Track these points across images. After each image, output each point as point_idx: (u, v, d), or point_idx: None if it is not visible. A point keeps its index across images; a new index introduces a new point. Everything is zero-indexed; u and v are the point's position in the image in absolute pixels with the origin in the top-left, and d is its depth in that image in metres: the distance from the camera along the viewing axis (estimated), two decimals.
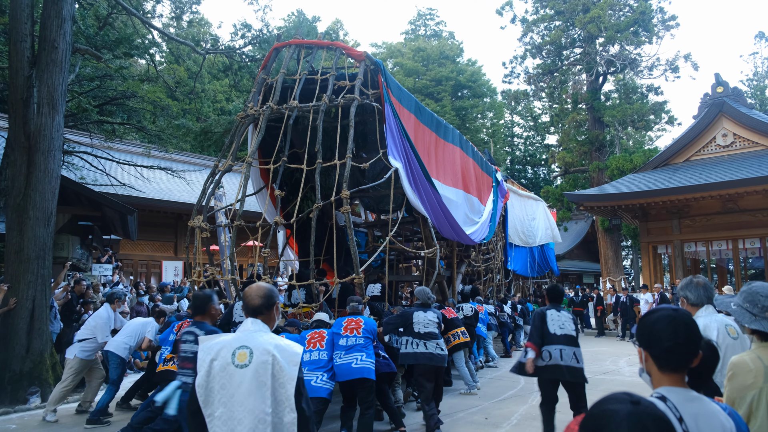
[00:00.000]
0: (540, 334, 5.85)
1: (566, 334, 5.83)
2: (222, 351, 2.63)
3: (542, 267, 20.66)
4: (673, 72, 27.80)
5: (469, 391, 8.98)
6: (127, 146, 20.06)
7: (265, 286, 2.82)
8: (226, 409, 2.54)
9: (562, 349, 5.74)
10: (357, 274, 7.56)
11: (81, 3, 13.68)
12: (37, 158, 8.83)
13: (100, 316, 7.82)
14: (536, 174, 46.29)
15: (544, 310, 6.07)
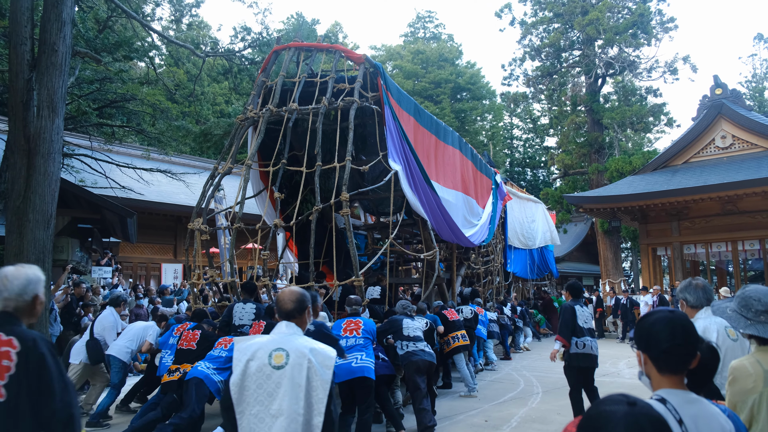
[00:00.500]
0: (571, 327, 6.53)
1: (590, 327, 6.65)
2: (258, 352, 2.73)
3: (542, 269, 20.67)
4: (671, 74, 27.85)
5: (469, 393, 8.99)
6: (126, 149, 20.07)
7: (298, 290, 2.93)
8: (262, 407, 2.64)
9: (591, 340, 6.55)
10: (357, 276, 7.56)
11: (81, 6, 13.69)
12: (36, 161, 8.82)
13: (107, 320, 7.81)
14: (535, 176, 46.33)
15: (572, 304, 6.68)
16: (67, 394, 2.52)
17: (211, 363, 6.34)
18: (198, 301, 9.13)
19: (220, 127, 21.17)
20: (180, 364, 6.63)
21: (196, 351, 6.70)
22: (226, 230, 11.05)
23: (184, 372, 6.50)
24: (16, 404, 2.41)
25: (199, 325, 7.08)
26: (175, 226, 20.56)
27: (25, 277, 2.80)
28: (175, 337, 7.12)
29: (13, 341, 2.49)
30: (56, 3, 9.05)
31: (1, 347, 2.45)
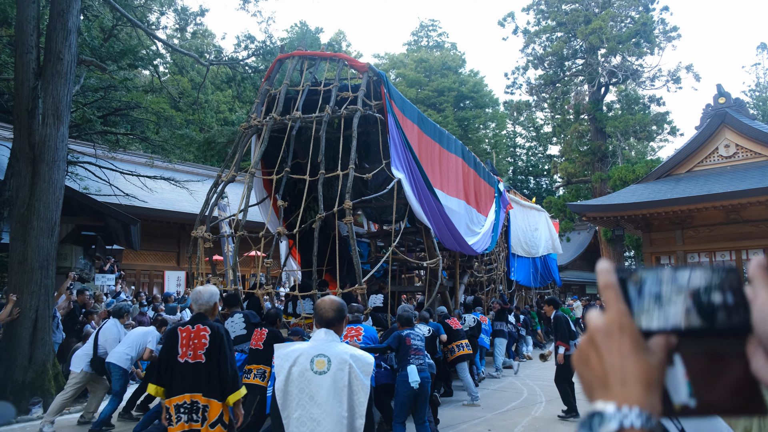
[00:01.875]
0: (568, 333, 8.05)
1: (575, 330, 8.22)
2: (300, 358, 2.82)
3: (545, 277, 20.63)
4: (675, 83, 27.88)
5: (472, 402, 8.96)
6: (130, 156, 20.16)
7: (338, 300, 3.07)
8: (303, 411, 2.73)
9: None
10: (360, 284, 7.56)
11: (86, 15, 13.80)
12: (41, 169, 8.87)
13: (111, 332, 7.76)
14: (538, 184, 46.32)
15: (564, 315, 8.25)
16: (233, 360, 4.29)
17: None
18: None
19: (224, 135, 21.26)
20: None
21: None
22: (229, 238, 11.06)
23: None
24: (209, 365, 4.19)
25: None
26: (178, 233, 20.59)
27: (209, 291, 4.45)
28: None
29: (206, 329, 4.27)
30: (62, 12, 9.12)
31: (200, 332, 4.24)
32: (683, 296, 0.63)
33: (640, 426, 0.57)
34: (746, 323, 0.62)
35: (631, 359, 0.61)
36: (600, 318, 0.65)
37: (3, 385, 8.36)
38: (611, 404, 0.60)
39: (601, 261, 0.68)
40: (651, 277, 0.65)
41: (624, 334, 0.62)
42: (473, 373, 10.69)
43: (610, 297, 0.65)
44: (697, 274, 0.64)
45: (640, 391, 0.60)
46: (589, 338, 0.65)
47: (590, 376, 0.64)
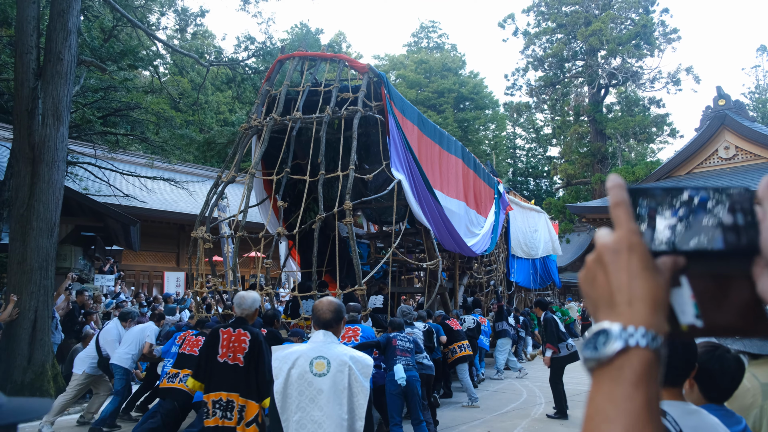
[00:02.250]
0: (557, 336, 8.13)
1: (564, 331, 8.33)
2: (299, 360, 2.81)
3: (544, 279, 20.61)
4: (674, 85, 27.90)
5: (471, 403, 8.95)
6: (130, 157, 20.15)
7: (335, 301, 3.06)
8: (304, 414, 2.73)
9: (572, 340, 8.26)
10: (359, 285, 7.55)
11: (86, 15, 13.80)
12: (41, 169, 8.86)
13: (111, 333, 7.73)
14: (538, 186, 46.33)
15: (553, 317, 8.34)
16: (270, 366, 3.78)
17: None
18: (201, 309, 9.12)
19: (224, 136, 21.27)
20: (180, 369, 6.61)
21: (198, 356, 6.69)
22: (229, 238, 11.06)
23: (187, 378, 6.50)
24: (248, 369, 4.37)
25: (203, 332, 7.08)
26: (178, 234, 20.58)
27: (252, 297, 4.69)
28: (178, 346, 7.10)
29: (247, 334, 4.47)
30: (62, 12, 9.12)
31: (241, 336, 4.45)
32: (694, 216, 0.63)
33: (645, 345, 0.57)
34: (755, 244, 0.61)
35: (639, 279, 0.60)
36: (609, 236, 0.64)
37: (2, 386, 8.34)
38: (617, 324, 0.59)
39: (612, 175, 0.67)
40: (662, 195, 0.64)
41: (633, 253, 0.61)
42: (473, 374, 10.68)
43: (621, 214, 0.63)
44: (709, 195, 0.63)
45: (647, 311, 0.59)
46: (597, 256, 0.64)
47: (596, 294, 0.63)
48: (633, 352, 0.57)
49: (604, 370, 0.59)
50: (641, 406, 0.56)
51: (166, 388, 6.59)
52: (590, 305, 0.65)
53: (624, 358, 0.58)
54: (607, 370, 0.59)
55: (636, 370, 0.57)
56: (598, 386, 0.59)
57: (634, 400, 0.56)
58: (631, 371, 0.57)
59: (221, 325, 4.63)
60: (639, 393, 0.56)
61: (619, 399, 0.56)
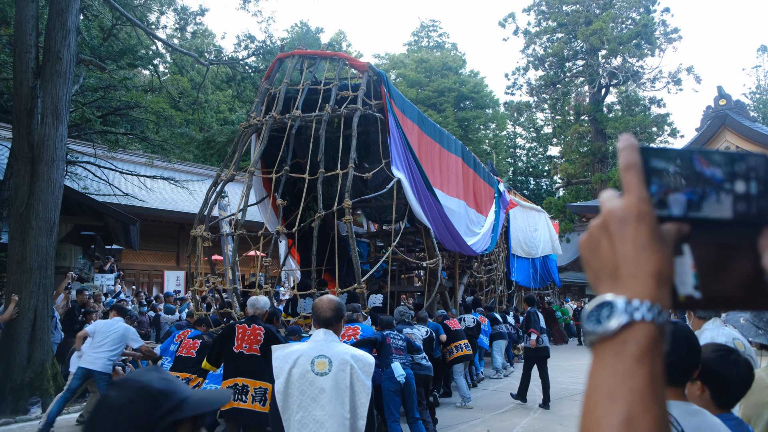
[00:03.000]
0: (539, 326, 9.16)
1: (544, 326, 9.44)
2: (300, 360, 2.79)
3: (544, 278, 20.61)
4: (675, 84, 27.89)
5: (464, 404, 8.91)
6: (130, 156, 20.12)
7: (335, 299, 3.02)
8: (305, 413, 2.71)
9: (545, 337, 9.27)
10: (359, 284, 7.54)
11: (86, 14, 13.78)
12: (40, 168, 8.85)
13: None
14: (538, 185, 46.29)
15: (536, 311, 9.45)
16: None
17: (216, 383, 6.36)
18: (200, 308, 9.10)
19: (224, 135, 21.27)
20: (178, 372, 6.60)
21: (194, 359, 6.69)
22: (229, 237, 11.04)
23: (185, 381, 6.49)
24: (266, 357, 4.53)
25: (201, 335, 7.08)
26: (177, 233, 20.56)
27: (264, 299, 5.64)
28: (176, 344, 7.10)
29: (261, 328, 5.23)
30: (61, 11, 9.10)
31: (255, 331, 5.17)
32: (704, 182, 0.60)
33: (651, 319, 0.55)
34: (766, 214, 0.59)
35: (647, 251, 0.57)
36: (617, 201, 0.60)
37: (2, 385, 8.34)
38: (621, 297, 0.56)
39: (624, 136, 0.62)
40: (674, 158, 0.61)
41: (642, 222, 0.58)
42: (472, 373, 10.67)
43: (631, 179, 0.59)
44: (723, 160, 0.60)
45: (653, 285, 0.56)
46: (603, 223, 0.60)
47: (599, 264, 0.60)
48: (638, 327, 0.55)
49: (606, 345, 0.57)
50: (645, 383, 0.54)
51: None
52: (591, 274, 0.62)
53: (628, 332, 0.56)
54: (610, 344, 0.57)
55: (641, 344, 0.55)
56: (600, 361, 0.57)
57: (638, 377, 0.54)
58: (636, 346, 0.55)
59: (236, 322, 5.36)
60: (643, 369, 0.54)
61: (622, 375, 0.54)
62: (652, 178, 0.60)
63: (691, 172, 0.60)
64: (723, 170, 0.60)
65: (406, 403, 6.38)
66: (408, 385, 6.38)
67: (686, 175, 0.60)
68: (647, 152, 0.61)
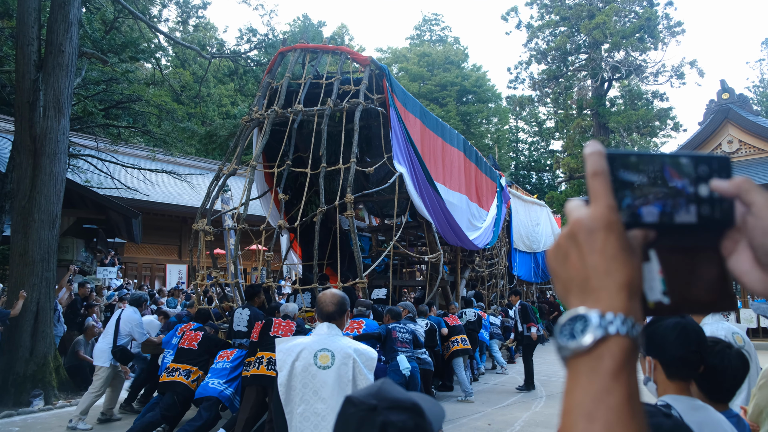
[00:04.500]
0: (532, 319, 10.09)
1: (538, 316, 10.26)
2: (303, 353, 2.80)
3: (546, 273, 20.60)
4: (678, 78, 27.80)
5: (466, 398, 8.93)
6: (132, 150, 20.13)
7: (339, 293, 3.02)
8: (307, 406, 2.73)
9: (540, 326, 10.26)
10: (360, 278, 7.55)
11: (88, 7, 13.75)
12: (42, 161, 8.86)
13: (133, 318, 7.66)
14: (541, 180, 46.22)
15: (527, 304, 10.51)
16: None
17: (218, 377, 6.39)
18: (202, 301, 9.12)
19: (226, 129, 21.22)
20: (179, 364, 6.62)
21: (196, 351, 6.72)
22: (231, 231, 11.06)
23: (186, 372, 6.52)
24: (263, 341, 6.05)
25: (203, 327, 7.11)
26: (180, 227, 20.60)
27: (293, 306, 6.57)
28: (178, 337, 7.11)
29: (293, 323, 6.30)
30: (63, 4, 9.09)
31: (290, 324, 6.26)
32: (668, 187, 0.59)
33: (625, 333, 0.54)
34: (729, 218, 0.59)
35: (617, 262, 0.56)
36: (584, 211, 0.58)
37: (5, 378, 8.38)
38: (594, 311, 0.55)
39: (591, 142, 0.61)
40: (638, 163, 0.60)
41: (611, 233, 0.56)
42: (473, 368, 10.69)
43: (598, 187, 0.58)
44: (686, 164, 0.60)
45: (625, 297, 0.55)
46: (571, 233, 0.58)
47: (568, 275, 0.59)
48: (613, 341, 0.54)
49: (581, 360, 0.55)
50: (623, 400, 0.53)
51: (165, 381, 6.60)
52: (560, 286, 0.60)
53: (603, 347, 0.54)
54: (585, 359, 0.55)
55: (617, 359, 0.54)
56: (575, 377, 0.56)
57: (616, 394, 0.53)
58: (612, 361, 0.54)
59: (275, 317, 6.34)
60: (620, 385, 0.53)
61: (599, 392, 0.53)
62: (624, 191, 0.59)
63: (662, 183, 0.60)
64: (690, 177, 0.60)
65: None
66: (413, 379, 6.41)
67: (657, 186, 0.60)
68: (615, 158, 0.60)
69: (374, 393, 1.16)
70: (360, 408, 1.13)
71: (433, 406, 1.18)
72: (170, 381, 6.52)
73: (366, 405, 1.13)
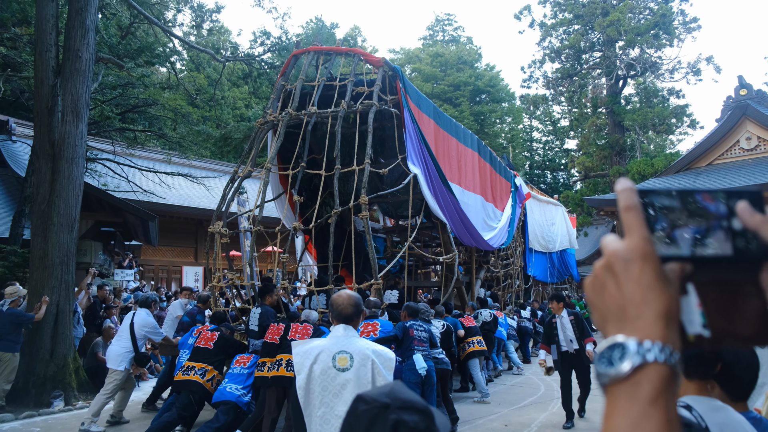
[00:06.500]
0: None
1: None
2: (321, 356, 2.80)
3: (561, 273, 20.49)
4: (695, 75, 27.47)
5: (482, 399, 8.91)
6: (148, 153, 20.33)
7: (355, 295, 3.01)
8: (327, 409, 2.71)
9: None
10: (375, 279, 7.56)
11: (104, 13, 13.93)
12: (61, 165, 8.98)
13: (146, 321, 7.67)
14: (555, 179, 45.96)
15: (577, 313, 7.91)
16: None
17: (236, 383, 6.44)
18: (218, 303, 9.19)
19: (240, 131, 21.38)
20: (195, 362, 6.68)
21: (212, 350, 6.77)
22: (247, 232, 11.12)
23: (202, 372, 6.57)
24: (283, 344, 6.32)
25: (219, 328, 7.17)
26: (195, 229, 20.76)
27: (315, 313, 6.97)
28: (195, 338, 7.17)
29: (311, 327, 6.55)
30: (80, 10, 9.21)
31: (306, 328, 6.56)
32: (703, 221, 0.60)
33: (663, 360, 0.55)
34: (766, 249, 0.59)
35: (653, 291, 0.57)
36: (620, 243, 0.60)
37: (26, 379, 8.50)
38: (632, 339, 0.57)
39: (621, 180, 0.63)
40: (671, 198, 0.61)
41: (647, 262, 0.58)
42: (488, 368, 10.66)
43: (632, 220, 0.60)
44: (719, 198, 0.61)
45: (662, 325, 0.57)
46: (607, 264, 0.60)
47: (605, 305, 0.61)
48: (651, 368, 0.56)
49: (619, 386, 0.57)
50: (660, 425, 0.54)
51: (180, 380, 6.65)
52: (598, 315, 0.62)
53: (642, 373, 0.56)
54: (624, 386, 0.57)
55: (655, 386, 0.55)
56: (614, 403, 0.57)
57: (654, 419, 0.54)
58: (650, 388, 0.55)
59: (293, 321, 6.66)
60: (658, 411, 0.55)
61: (638, 417, 0.55)
62: (658, 215, 0.61)
63: (695, 207, 0.61)
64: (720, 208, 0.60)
65: (425, 396, 6.40)
66: (429, 378, 6.41)
67: (689, 209, 0.61)
68: (646, 193, 0.62)
69: (387, 392, 1.17)
70: (372, 406, 1.14)
71: (441, 416, 1.19)
72: (185, 380, 6.57)
73: (379, 403, 1.14)
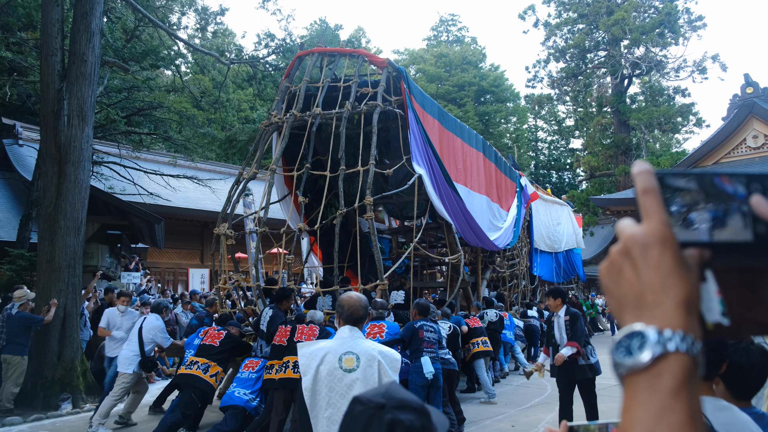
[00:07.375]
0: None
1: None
2: (327, 357, 2.81)
3: (567, 272, 20.42)
4: (700, 73, 27.36)
5: (488, 400, 8.89)
6: (154, 156, 20.39)
7: (364, 297, 3.04)
8: (334, 410, 2.72)
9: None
10: (381, 280, 7.55)
11: (109, 17, 13.98)
12: (67, 169, 9.02)
13: (155, 326, 7.68)
14: (561, 178, 45.84)
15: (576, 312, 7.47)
16: None
17: (244, 387, 6.47)
18: (224, 305, 9.21)
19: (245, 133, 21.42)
20: (198, 358, 6.70)
21: (217, 347, 6.80)
22: (252, 234, 11.14)
23: (205, 367, 6.59)
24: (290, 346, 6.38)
25: (226, 327, 7.21)
26: (201, 231, 20.80)
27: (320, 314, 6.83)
28: (201, 339, 7.19)
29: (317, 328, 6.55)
30: (85, 14, 9.25)
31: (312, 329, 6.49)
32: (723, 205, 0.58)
33: (685, 350, 0.53)
34: None
35: (673, 278, 0.54)
36: (638, 228, 0.57)
37: (34, 382, 8.54)
38: (652, 327, 0.54)
39: (638, 161, 0.60)
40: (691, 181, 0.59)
41: (666, 248, 0.55)
42: (495, 369, 10.64)
43: (651, 204, 0.57)
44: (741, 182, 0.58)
45: (683, 313, 0.54)
46: (625, 249, 0.57)
47: (622, 292, 0.58)
48: (672, 358, 0.53)
49: (639, 377, 0.54)
50: (684, 418, 0.51)
51: (183, 374, 6.67)
52: (613, 302, 0.59)
53: (663, 364, 0.53)
54: (644, 377, 0.54)
55: (677, 377, 0.53)
56: (632, 395, 0.55)
57: (677, 412, 0.52)
58: (672, 379, 0.53)
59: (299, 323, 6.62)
60: (681, 404, 0.52)
61: (660, 410, 0.52)
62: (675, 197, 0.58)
63: (713, 189, 0.58)
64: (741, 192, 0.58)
65: (430, 397, 6.40)
66: (435, 380, 6.40)
67: (708, 192, 0.58)
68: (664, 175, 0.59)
69: (382, 393, 1.17)
70: (368, 406, 1.14)
71: (439, 415, 1.19)
72: (188, 374, 6.60)
73: (374, 403, 1.14)
